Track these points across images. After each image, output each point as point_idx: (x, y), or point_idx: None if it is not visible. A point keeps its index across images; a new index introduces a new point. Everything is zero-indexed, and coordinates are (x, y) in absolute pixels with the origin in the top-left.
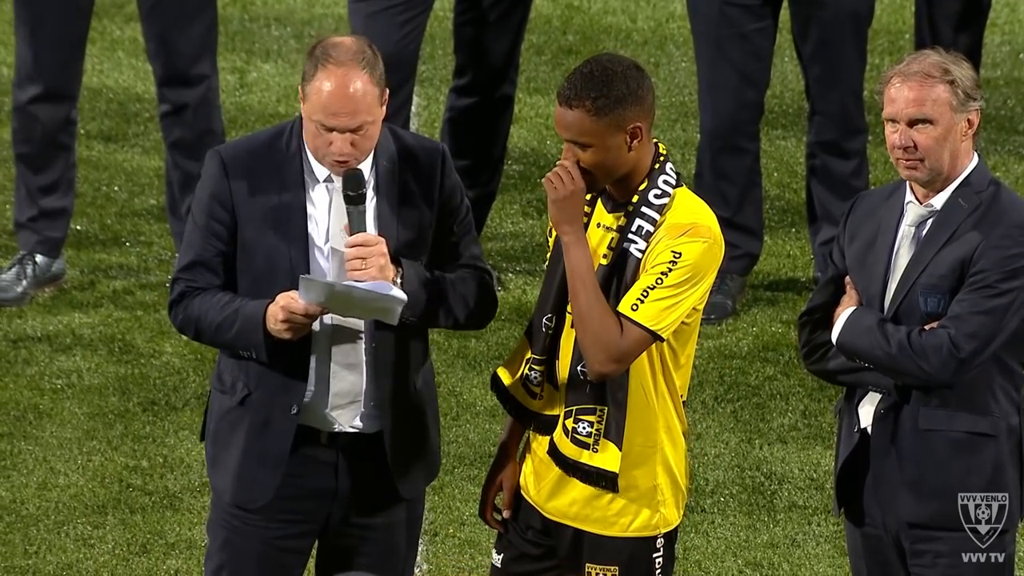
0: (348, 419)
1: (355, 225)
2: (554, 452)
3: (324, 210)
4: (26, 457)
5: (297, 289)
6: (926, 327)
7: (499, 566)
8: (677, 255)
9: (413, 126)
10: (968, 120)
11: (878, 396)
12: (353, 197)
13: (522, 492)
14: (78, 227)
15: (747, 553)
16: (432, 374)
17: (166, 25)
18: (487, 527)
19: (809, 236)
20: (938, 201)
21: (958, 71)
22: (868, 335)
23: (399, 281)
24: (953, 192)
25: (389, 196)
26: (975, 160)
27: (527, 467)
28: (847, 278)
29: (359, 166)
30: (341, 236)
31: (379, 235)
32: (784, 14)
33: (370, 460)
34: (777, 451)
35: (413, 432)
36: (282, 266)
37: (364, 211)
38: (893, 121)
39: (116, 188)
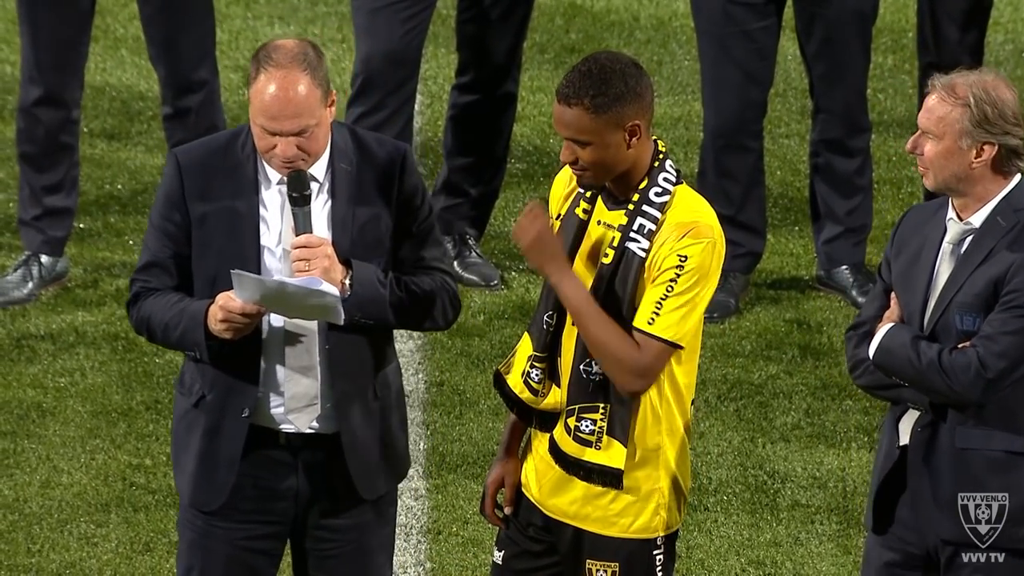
0: (305, 421)
1: (300, 226)
2: (555, 450)
3: (276, 213)
4: (29, 455)
5: None
6: (959, 346)
7: (500, 563)
8: (683, 259)
9: (416, 124)
10: (980, 149)
11: (917, 413)
12: (297, 198)
13: (523, 490)
14: (81, 225)
15: (750, 552)
16: (399, 374)
17: (168, 32)
18: (491, 525)
19: (812, 234)
20: (977, 219)
21: (983, 98)
22: (901, 352)
23: (348, 282)
24: (992, 211)
25: (346, 199)
26: (1016, 179)
27: (528, 465)
28: (892, 293)
29: (311, 167)
30: (291, 237)
31: (334, 238)
32: (787, 12)
33: (330, 461)
34: (780, 450)
35: (374, 433)
36: (234, 267)
37: (309, 212)
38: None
39: (119, 186)
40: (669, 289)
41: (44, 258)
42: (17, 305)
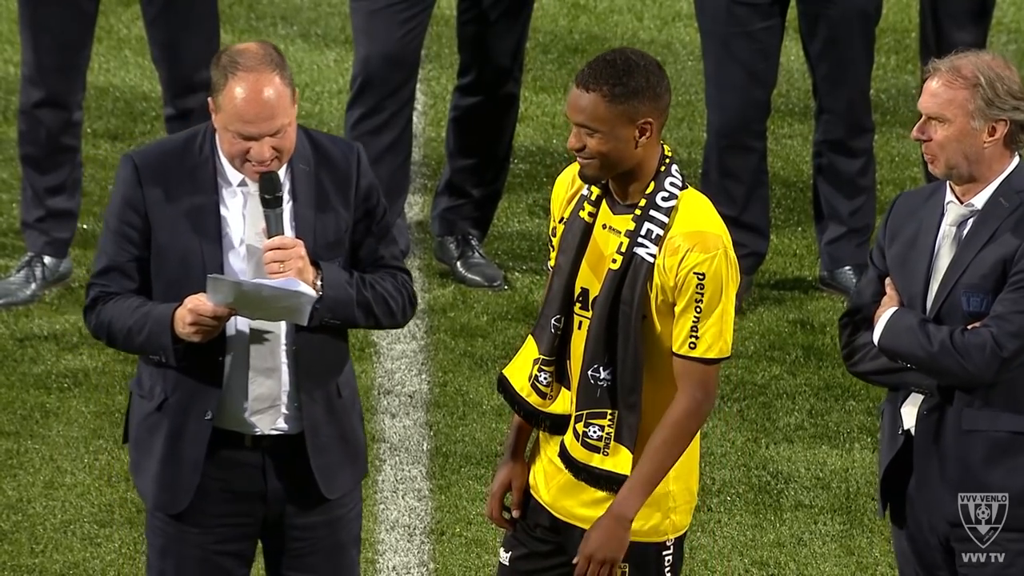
0: (269, 422)
1: (272, 228)
2: (564, 455)
3: (238, 213)
4: (33, 456)
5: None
6: (968, 327)
7: (507, 564)
8: (700, 276)
9: (419, 125)
10: (993, 127)
11: (921, 397)
12: (270, 200)
13: (531, 491)
14: (84, 226)
15: (753, 552)
16: (352, 374)
17: (171, 33)
18: (494, 526)
19: (816, 235)
20: (979, 201)
21: (991, 76)
22: (909, 335)
23: (320, 283)
24: (994, 192)
25: (306, 199)
26: (1016, 160)
27: (536, 467)
28: (887, 279)
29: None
30: (258, 238)
31: (297, 238)
32: (791, 12)
33: (297, 461)
34: (783, 450)
35: (336, 432)
36: (196, 269)
37: (281, 214)
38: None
39: None
40: (698, 310)
41: (47, 259)
42: (21, 306)
